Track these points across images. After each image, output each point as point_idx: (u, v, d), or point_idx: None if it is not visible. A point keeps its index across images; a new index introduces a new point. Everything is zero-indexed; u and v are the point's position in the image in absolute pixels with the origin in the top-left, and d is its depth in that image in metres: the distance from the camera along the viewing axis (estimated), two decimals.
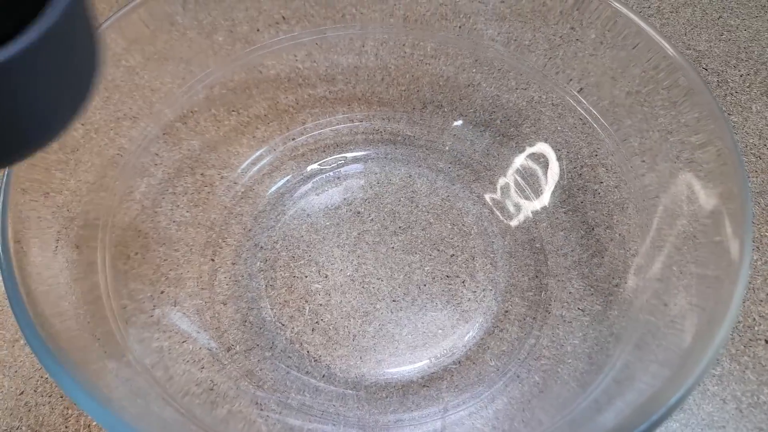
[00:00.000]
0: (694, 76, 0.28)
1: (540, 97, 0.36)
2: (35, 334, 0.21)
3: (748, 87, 0.41)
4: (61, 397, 0.29)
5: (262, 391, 0.29)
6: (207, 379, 0.28)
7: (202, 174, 0.35)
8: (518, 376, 0.29)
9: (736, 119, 0.39)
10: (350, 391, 0.29)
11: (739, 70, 0.42)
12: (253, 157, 0.37)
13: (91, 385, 0.21)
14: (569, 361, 0.29)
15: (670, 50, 0.28)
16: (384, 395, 0.29)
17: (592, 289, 0.31)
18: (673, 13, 0.45)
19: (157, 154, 0.32)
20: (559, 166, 0.35)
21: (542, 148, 0.36)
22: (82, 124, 0.29)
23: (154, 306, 0.29)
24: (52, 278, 0.26)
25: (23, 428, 0.28)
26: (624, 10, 0.30)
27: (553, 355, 0.29)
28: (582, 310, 0.30)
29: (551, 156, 0.35)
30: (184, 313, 0.30)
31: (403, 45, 0.37)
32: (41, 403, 0.29)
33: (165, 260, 0.31)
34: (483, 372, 0.29)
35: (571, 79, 0.34)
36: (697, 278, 0.25)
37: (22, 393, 0.29)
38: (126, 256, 0.30)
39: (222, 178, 0.35)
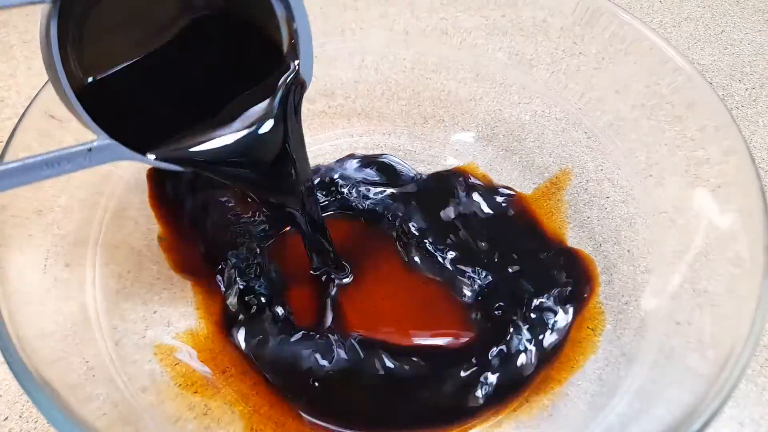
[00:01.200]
0: (705, 86, 0.27)
1: (543, 111, 0.35)
2: (16, 358, 0.20)
3: (753, 101, 0.40)
4: (48, 423, 0.28)
5: (258, 416, 0.27)
6: (201, 403, 0.27)
7: None
8: (526, 399, 0.28)
9: (743, 134, 0.39)
10: None
11: (744, 84, 0.41)
12: None
13: (76, 412, 0.20)
14: (579, 382, 0.28)
15: (679, 60, 0.28)
16: None
17: (601, 307, 0.30)
18: (676, 27, 0.45)
19: None
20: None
21: (547, 162, 0.35)
22: (76, 139, 0.28)
23: (146, 327, 0.28)
24: (40, 298, 0.25)
25: None
26: (630, 19, 0.30)
27: (562, 377, 0.28)
28: (592, 329, 0.29)
29: (555, 170, 0.35)
30: (177, 334, 0.29)
31: (404, 59, 0.37)
32: (26, 429, 0.27)
33: (158, 279, 0.30)
34: None
35: (574, 93, 0.34)
36: (713, 297, 0.24)
37: (6, 419, 0.28)
38: (118, 275, 0.29)
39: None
